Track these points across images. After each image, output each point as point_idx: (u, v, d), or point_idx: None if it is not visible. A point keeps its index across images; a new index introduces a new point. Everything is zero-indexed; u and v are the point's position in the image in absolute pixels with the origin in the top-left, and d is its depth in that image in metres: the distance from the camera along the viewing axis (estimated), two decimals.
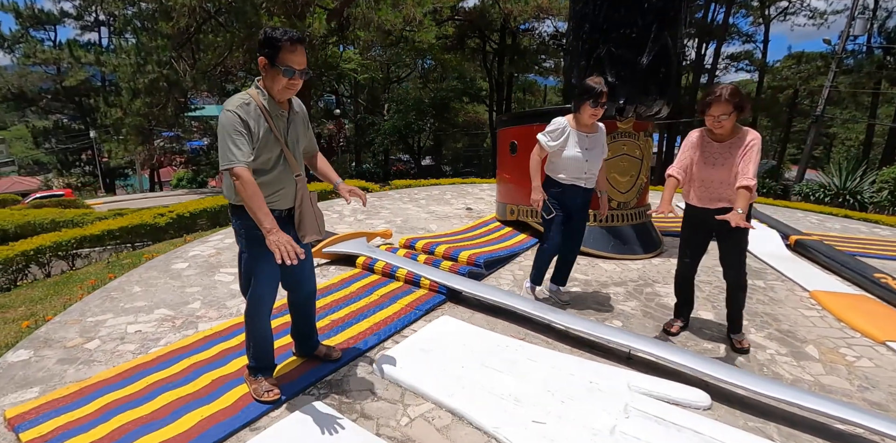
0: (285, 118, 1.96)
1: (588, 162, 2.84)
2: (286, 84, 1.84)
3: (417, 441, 1.95)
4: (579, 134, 2.85)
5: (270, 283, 2.07)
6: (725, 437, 1.94)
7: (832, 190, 14.81)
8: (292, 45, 1.79)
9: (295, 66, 1.81)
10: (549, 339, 2.74)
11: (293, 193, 2.03)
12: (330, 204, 6.20)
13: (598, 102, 2.72)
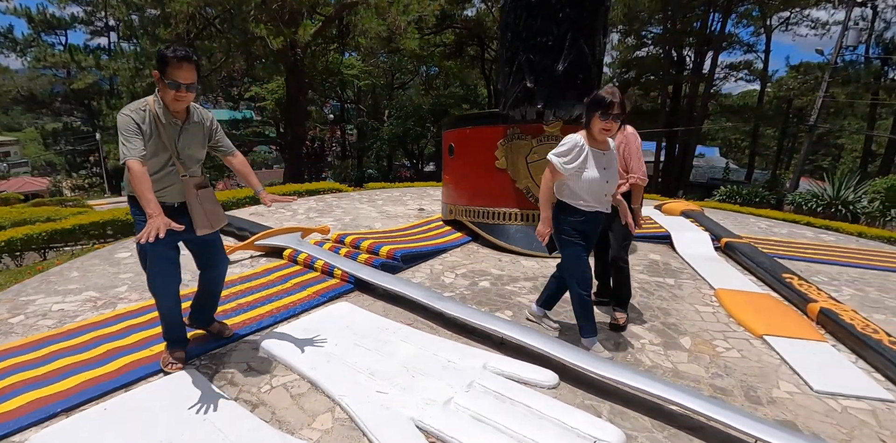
0: (178, 127, 2.19)
1: (608, 183, 2.48)
2: (174, 96, 2.08)
3: (269, 405, 2.16)
4: (595, 151, 2.46)
5: (161, 263, 2.28)
6: (552, 411, 2.10)
7: (825, 200, 14.71)
8: (178, 62, 2.02)
9: (181, 80, 2.04)
10: (434, 325, 2.93)
11: (180, 190, 2.26)
12: (288, 203, 6.45)
13: (609, 114, 2.34)
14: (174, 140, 2.18)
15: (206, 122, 2.33)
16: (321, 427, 2.03)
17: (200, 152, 2.33)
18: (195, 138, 2.26)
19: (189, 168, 2.27)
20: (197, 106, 2.30)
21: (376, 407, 2.09)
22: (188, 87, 2.07)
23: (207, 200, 2.36)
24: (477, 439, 1.92)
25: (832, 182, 14.49)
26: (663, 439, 2.03)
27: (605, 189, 2.49)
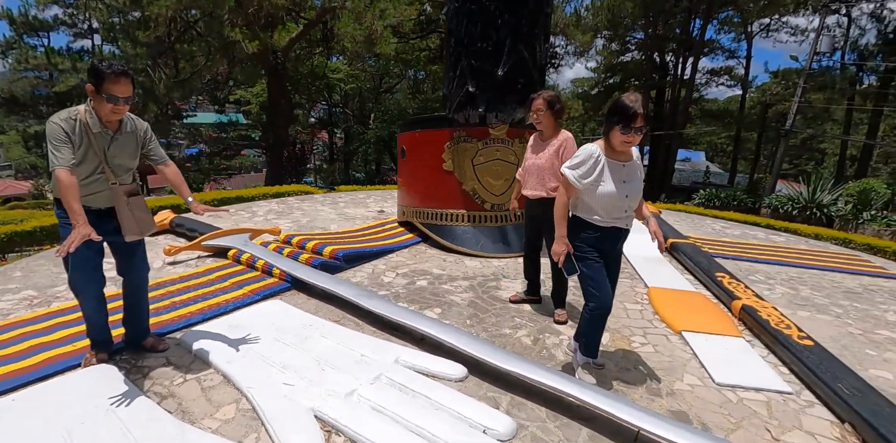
0: (109, 137, 2.23)
1: (628, 198, 2.23)
2: (111, 109, 2.12)
3: (178, 397, 2.22)
4: (613, 163, 2.22)
5: (81, 267, 2.32)
6: (450, 402, 2.19)
7: (800, 203, 14.93)
8: (115, 78, 2.06)
9: (118, 94, 2.09)
10: (361, 322, 3.01)
11: (109, 196, 2.32)
12: (249, 205, 6.52)
13: (632, 128, 2.07)
14: (104, 149, 2.23)
15: (140, 132, 2.37)
16: (223, 417, 2.10)
17: (131, 162, 2.36)
18: (126, 148, 2.30)
19: (118, 176, 2.31)
20: (131, 115, 2.35)
21: (279, 398, 2.17)
22: (125, 100, 2.13)
23: (138, 207, 2.41)
24: (370, 429, 2.00)
25: (808, 185, 14.75)
26: (554, 429, 2.12)
27: (625, 204, 2.22)
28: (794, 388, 2.59)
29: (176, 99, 14.69)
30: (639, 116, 2.05)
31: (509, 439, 2.02)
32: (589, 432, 2.11)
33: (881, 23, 18.62)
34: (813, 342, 2.87)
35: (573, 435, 2.09)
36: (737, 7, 20.22)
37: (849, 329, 3.43)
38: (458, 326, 2.99)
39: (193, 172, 27.50)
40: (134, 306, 2.56)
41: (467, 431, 2.02)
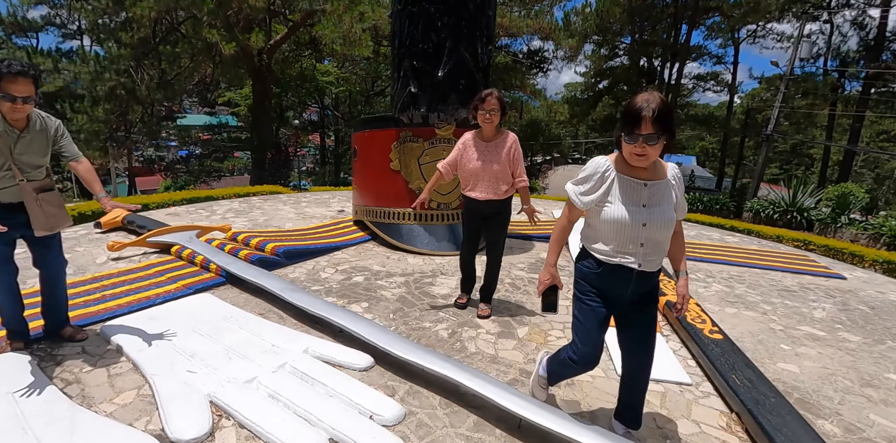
0: (16, 135, 2.30)
1: (647, 227, 1.70)
2: (10, 108, 2.18)
3: (83, 382, 2.29)
4: (629, 181, 1.72)
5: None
6: (346, 389, 2.26)
7: (781, 207, 15.05)
8: (13, 77, 2.12)
9: (15, 93, 2.14)
10: (285, 315, 3.08)
11: (17, 192, 2.38)
12: (210, 204, 6.59)
13: (637, 135, 1.57)
14: (10, 147, 2.30)
15: (50, 130, 2.43)
16: (121, 402, 2.17)
17: (40, 159, 2.41)
18: (34, 146, 2.35)
19: (26, 173, 2.36)
20: (41, 114, 2.42)
21: (179, 384, 2.24)
22: (24, 99, 2.18)
23: (49, 202, 2.46)
24: (259, 413, 2.07)
25: (790, 189, 14.88)
26: (442, 415, 2.20)
27: (641, 235, 1.69)
28: (695, 380, 2.67)
29: (160, 100, 14.77)
30: (645, 119, 1.53)
31: (394, 424, 2.10)
32: (476, 419, 2.19)
33: (863, 30, 18.88)
34: (722, 336, 2.95)
35: (459, 421, 2.16)
36: (722, 13, 20.46)
37: (771, 325, 3.52)
38: (379, 320, 3.07)
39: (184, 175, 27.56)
40: (51, 298, 2.62)
41: (355, 416, 2.09)
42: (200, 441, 1.93)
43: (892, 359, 3.12)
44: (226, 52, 10.45)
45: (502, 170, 2.96)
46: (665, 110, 1.54)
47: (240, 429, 2.02)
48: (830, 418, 2.41)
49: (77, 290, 3.23)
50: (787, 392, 2.61)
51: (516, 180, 3.07)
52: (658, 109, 1.53)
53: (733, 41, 25.74)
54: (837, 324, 3.64)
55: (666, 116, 1.54)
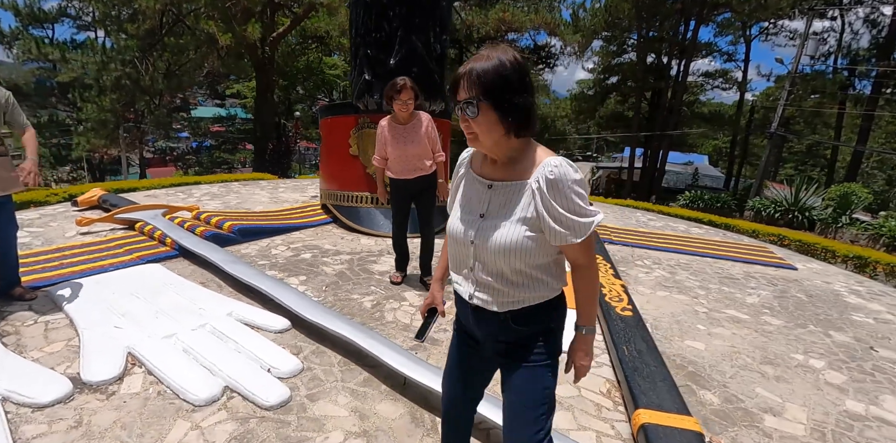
0: None
1: (475, 246, 1.20)
2: None
3: (21, 334, 2.53)
4: (474, 180, 1.25)
5: None
6: (254, 347, 2.47)
7: (783, 206, 14.89)
8: None
9: None
10: (223, 284, 3.30)
11: None
12: (190, 188, 6.87)
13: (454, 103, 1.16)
14: None
15: (1, 99, 2.71)
16: (49, 351, 2.40)
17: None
18: None
19: None
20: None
21: (103, 337, 2.47)
22: None
23: (1, 166, 2.73)
24: (168, 363, 2.28)
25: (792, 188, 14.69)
26: (337, 372, 2.39)
27: (471, 257, 1.22)
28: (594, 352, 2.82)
29: (166, 91, 15.18)
30: (462, 81, 1.09)
31: (289, 377, 2.30)
32: (367, 376, 2.38)
33: (875, 27, 18.48)
34: (632, 314, 3.10)
35: (351, 377, 2.35)
36: (732, 9, 20.19)
37: (696, 307, 3.64)
38: (311, 292, 3.28)
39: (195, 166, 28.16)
40: (2, 259, 2.87)
41: (254, 369, 2.29)
42: (109, 383, 2.15)
43: (806, 341, 3.22)
44: (222, 43, 10.74)
45: (423, 149, 3.15)
46: (492, 70, 1.05)
47: (147, 375, 2.24)
48: (715, 389, 2.54)
49: (38, 258, 3.49)
50: (681, 366, 2.76)
51: (436, 156, 3.27)
52: (481, 68, 1.06)
53: (745, 38, 25.38)
54: (766, 309, 3.75)
55: (494, 76, 1.05)
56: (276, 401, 2.08)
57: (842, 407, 2.48)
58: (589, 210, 1.10)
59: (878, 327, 3.61)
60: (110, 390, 2.13)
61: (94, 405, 2.02)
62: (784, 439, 2.18)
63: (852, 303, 4.11)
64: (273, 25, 13.66)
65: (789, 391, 2.58)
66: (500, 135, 1.10)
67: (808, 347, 3.14)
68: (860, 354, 3.12)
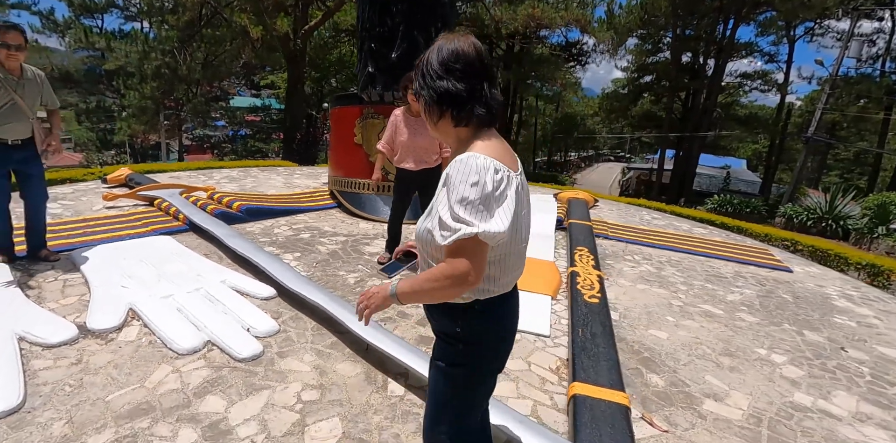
0: (14, 80, 2.91)
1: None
2: (5, 55, 2.82)
3: (43, 289, 2.89)
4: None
5: None
6: (238, 309, 2.75)
7: (816, 214, 14.35)
8: (6, 30, 2.76)
9: (10, 42, 2.78)
10: (224, 256, 3.62)
11: (21, 129, 2.98)
12: (212, 172, 7.29)
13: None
14: (14, 90, 2.91)
15: (39, 78, 3.07)
16: (64, 303, 2.75)
17: (36, 102, 3.04)
18: (31, 90, 2.97)
19: (32, 111, 3.00)
20: (31, 67, 3.04)
21: (110, 294, 2.80)
22: (17, 47, 2.81)
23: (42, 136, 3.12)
24: (161, 318, 2.58)
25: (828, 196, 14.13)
26: (309, 335, 2.65)
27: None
28: (555, 334, 2.98)
29: (203, 80, 15.90)
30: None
31: (265, 336, 2.56)
32: (335, 340, 2.62)
33: None
34: (598, 301, 3.23)
35: (320, 340, 2.60)
36: (774, 8, 19.49)
37: (671, 301, 3.73)
38: (302, 267, 3.55)
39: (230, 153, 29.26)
40: (32, 224, 3.25)
41: (235, 328, 2.57)
42: (109, 332, 2.47)
43: (774, 338, 3.29)
44: (254, 35, 11.21)
45: (431, 142, 3.35)
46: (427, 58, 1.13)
47: (143, 327, 2.55)
48: (664, 374, 2.67)
49: (66, 227, 3.90)
50: (638, 351, 2.89)
51: (442, 151, 3.47)
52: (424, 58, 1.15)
53: (788, 39, 24.42)
54: (744, 306, 3.80)
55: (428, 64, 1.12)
56: (248, 354, 2.35)
57: (788, 399, 2.56)
58: (464, 219, 0.98)
59: (857, 330, 3.62)
60: (109, 337, 2.45)
61: (93, 348, 2.34)
62: (717, 421, 2.29)
63: (839, 306, 4.10)
64: (305, 18, 14.08)
65: (739, 381, 2.67)
66: (434, 123, 1.16)
67: (774, 343, 3.21)
68: (828, 353, 3.17)
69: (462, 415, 1.30)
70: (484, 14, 17.21)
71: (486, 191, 0.99)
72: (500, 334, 1.26)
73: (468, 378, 1.25)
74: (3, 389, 1.94)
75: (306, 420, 1.98)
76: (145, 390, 2.07)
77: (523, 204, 1.14)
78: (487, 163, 1.02)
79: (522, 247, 1.20)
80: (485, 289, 1.15)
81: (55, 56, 20.84)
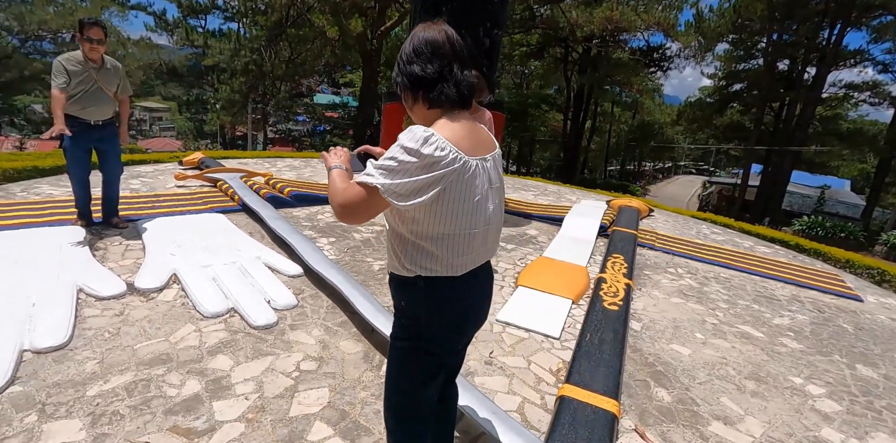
0: (96, 68, 3.34)
1: None
2: (89, 48, 3.26)
3: (108, 250, 3.30)
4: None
5: (73, 158, 3.44)
6: (264, 283, 2.98)
7: None
8: (90, 26, 3.19)
9: (93, 36, 3.21)
10: (266, 236, 3.90)
11: (101, 112, 3.43)
12: (275, 160, 7.79)
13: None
14: (95, 76, 3.36)
15: (116, 69, 3.50)
16: (122, 263, 3.12)
17: (114, 88, 3.47)
18: (109, 77, 3.39)
19: (111, 94, 3.45)
20: (109, 58, 3.48)
21: (160, 260, 3.13)
22: (99, 42, 3.25)
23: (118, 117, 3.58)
24: (196, 283, 2.86)
25: None
26: (323, 312, 2.81)
27: None
28: (565, 336, 2.93)
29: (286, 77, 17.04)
30: None
31: (282, 310, 2.76)
32: (345, 319, 2.76)
33: None
34: (617, 309, 3.13)
35: (331, 318, 2.76)
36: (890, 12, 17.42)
37: (706, 318, 3.51)
38: (333, 252, 3.75)
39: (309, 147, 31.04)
40: (107, 195, 3.71)
41: (257, 299, 2.79)
42: (151, 291, 2.78)
43: (816, 368, 3.01)
44: (330, 35, 11.85)
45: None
46: (404, 46, 1.20)
47: (180, 291, 2.84)
48: (673, 389, 2.53)
49: (139, 200, 4.39)
50: (651, 364, 2.77)
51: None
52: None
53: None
54: (790, 332, 3.50)
55: (403, 51, 1.19)
56: (262, 323, 2.54)
57: (813, 433, 2.35)
58: (385, 165, 1.04)
59: None
60: (151, 295, 2.75)
61: (135, 304, 2.65)
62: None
63: None
64: (383, 20, 14.65)
65: (759, 407, 2.49)
66: (409, 107, 1.23)
67: (816, 373, 2.93)
68: (879, 391, 2.85)
69: (405, 392, 1.33)
70: (559, 16, 16.91)
71: (410, 159, 1.02)
72: (447, 319, 1.24)
73: (407, 354, 1.29)
74: (56, 329, 2.26)
75: (298, 387, 2.12)
76: (168, 343, 2.32)
77: (478, 190, 1.14)
78: (432, 138, 1.04)
79: (475, 232, 1.18)
80: (425, 266, 1.17)
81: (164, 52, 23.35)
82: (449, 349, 1.32)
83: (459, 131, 1.12)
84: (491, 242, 1.28)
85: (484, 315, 1.37)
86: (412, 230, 1.15)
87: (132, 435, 1.74)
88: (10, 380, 1.93)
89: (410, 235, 1.15)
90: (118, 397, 1.92)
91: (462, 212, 1.14)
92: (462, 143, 1.11)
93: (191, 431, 1.79)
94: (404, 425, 1.36)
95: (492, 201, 1.21)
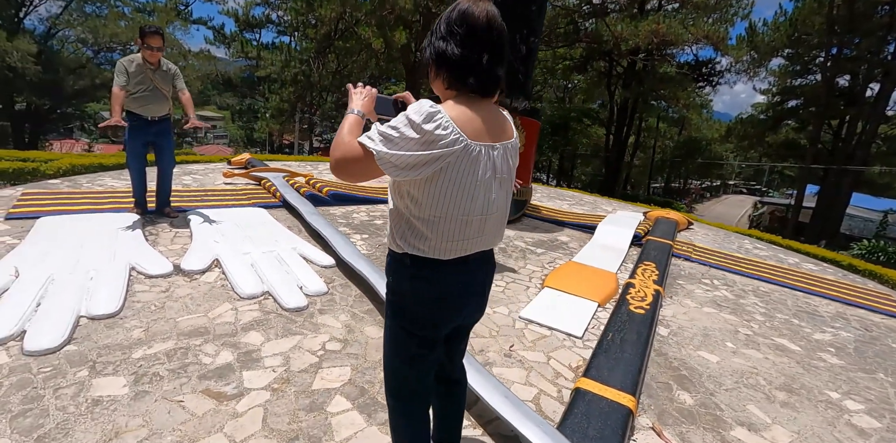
0: (153, 70, 3.66)
1: None
2: (148, 54, 3.59)
3: (159, 235, 3.56)
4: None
5: (133, 150, 3.78)
6: (299, 271, 3.14)
7: None
8: (151, 35, 3.52)
9: (152, 44, 3.53)
10: (302, 230, 4.09)
11: (157, 109, 3.75)
12: (317, 164, 8.08)
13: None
14: (152, 76, 3.68)
15: (172, 70, 3.81)
16: (172, 247, 3.37)
17: (168, 87, 3.76)
18: (164, 78, 3.71)
19: (167, 94, 3.77)
20: (167, 61, 3.79)
21: (205, 246, 3.36)
22: (158, 49, 3.57)
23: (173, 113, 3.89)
24: (235, 268, 3.05)
25: None
26: (351, 300, 2.93)
27: None
28: (588, 336, 2.92)
29: (332, 88, 17.76)
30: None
31: (313, 295, 2.90)
32: (371, 307, 2.88)
33: None
34: (644, 313, 3.09)
35: (358, 306, 2.87)
36: None
37: (739, 328, 3.40)
38: (365, 246, 3.89)
39: None
40: (161, 186, 4.01)
41: (291, 284, 2.95)
42: (195, 273, 2.99)
43: (856, 385, 2.86)
44: (375, 47, 12.29)
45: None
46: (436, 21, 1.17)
47: (221, 274, 3.04)
48: (697, 394, 2.48)
49: (190, 193, 4.71)
50: (675, 368, 2.71)
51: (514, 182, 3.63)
52: None
53: None
54: (831, 347, 3.33)
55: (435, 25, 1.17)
56: (293, 306, 2.68)
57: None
58: (381, 136, 1.04)
59: None
60: (194, 276, 2.96)
61: (180, 283, 2.85)
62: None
63: None
64: (426, 32, 15.03)
65: (789, 418, 2.39)
66: (431, 78, 1.18)
67: (855, 390, 2.79)
68: None
69: (395, 371, 1.34)
70: (604, 30, 16.84)
71: (411, 132, 1.02)
72: (425, 300, 1.21)
73: (395, 333, 1.29)
74: (111, 299, 2.48)
75: (322, 364, 2.23)
76: (206, 319, 2.49)
77: (478, 176, 1.11)
78: (437, 116, 1.02)
79: (471, 219, 1.15)
80: (414, 245, 1.16)
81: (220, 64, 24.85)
82: (429, 334, 1.26)
83: (469, 114, 1.08)
84: (489, 232, 1.23)
85: (473, 306, 1.31)
86: (408, 207, 1.14)
87: (169, 394, 1.89)
88: (67, 340, 2.14)
89: (406, 211, 1.15)
90: (159, 361, 2.09)
91: (458, 196, 1.10)
92: (468, 125, 1.07)
93: (221, 394, 1.92)
94: (399, 404, 1.37)
95: (494, 191, 1.17)
